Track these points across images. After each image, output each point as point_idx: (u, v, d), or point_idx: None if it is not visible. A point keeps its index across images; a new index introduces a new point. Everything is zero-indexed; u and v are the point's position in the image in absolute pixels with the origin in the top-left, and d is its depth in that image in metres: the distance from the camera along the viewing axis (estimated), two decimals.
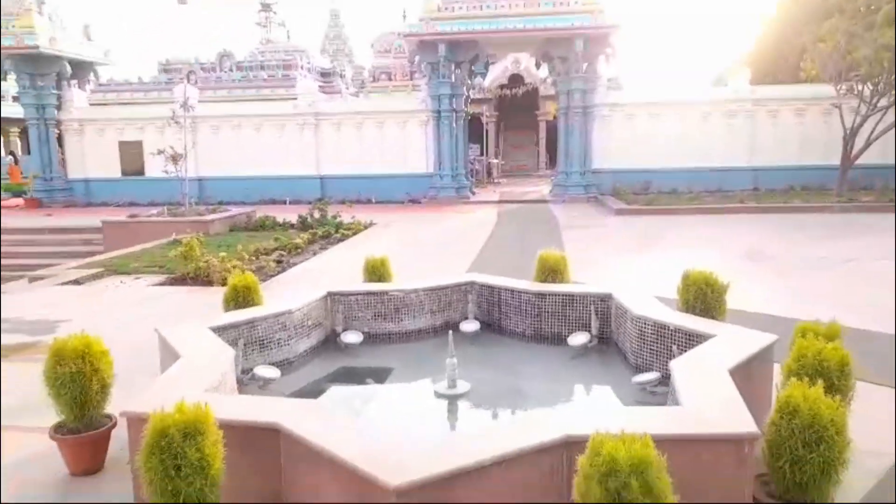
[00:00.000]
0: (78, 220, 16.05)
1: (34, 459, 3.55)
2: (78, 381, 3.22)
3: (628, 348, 4.43)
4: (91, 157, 21.33)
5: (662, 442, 2.14)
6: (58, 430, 3.35)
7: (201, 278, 8.50)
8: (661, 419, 2.60)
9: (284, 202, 19.54)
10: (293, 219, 14.33)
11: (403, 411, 3.96)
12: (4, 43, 19.59)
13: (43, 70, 20.46)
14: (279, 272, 9.22)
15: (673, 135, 19.16)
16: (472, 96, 22.66)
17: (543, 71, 22.94)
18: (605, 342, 4.82)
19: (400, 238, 12.20)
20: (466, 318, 5.35)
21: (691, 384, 2.97)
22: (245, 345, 4.20)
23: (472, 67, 20.12)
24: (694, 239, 11.68)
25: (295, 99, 22.02)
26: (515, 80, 29.24)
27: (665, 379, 3.73)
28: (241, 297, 4.71)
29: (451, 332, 4.14)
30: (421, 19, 18.83)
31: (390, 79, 30.54)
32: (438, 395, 3.95)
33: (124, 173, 21.32)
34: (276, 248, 10.62)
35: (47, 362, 3.29)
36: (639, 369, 4.20)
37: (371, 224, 14.31)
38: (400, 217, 16.12)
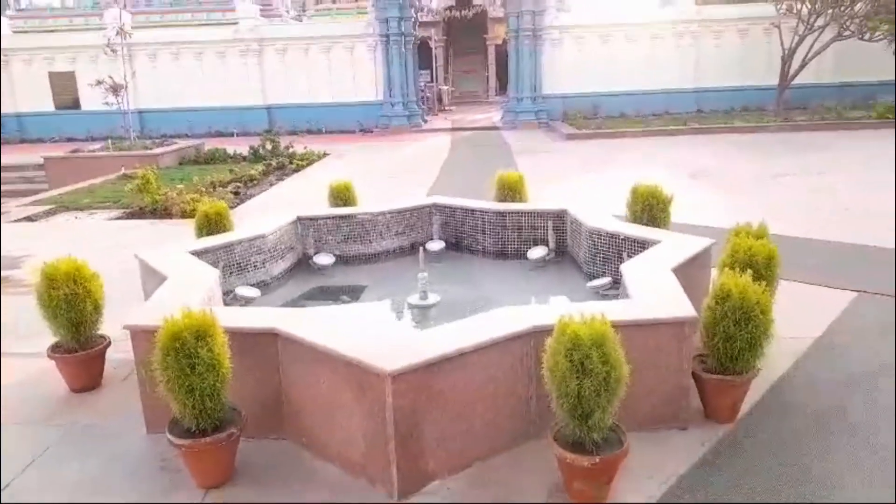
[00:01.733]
0: (13, 157, 15.37)
1: (31, 381, 3.73)
2: (72, 303, 3.39)
3: (582, 258, 4.81)
4: (20, 90, 20.16)
5: (616, 327, 2.51)
6: (55, 350, 3.53)
7: (160, 211, 8.49)
8: (614, 309, 2.97)
9: (232, 134, 19.07)
10: (244, 151, 14.13)
11: (382, 319, 4.28)
12: None
13: None
14: (238, 204, 9.24)
15: (621, 58, 19.36)
16: (420, 19, 22.17)
17: None
18: (561, 255, 5.20)
19: (356, 167, 12.25)
20: (431, 239, 5.63)
21: (639, 281, 3.36)
22: (224, 268, 4.39)
23: None
24: (641, 160, 12.14)
25: (235, 24, 21.12)
26: (464, 1, 28.62)
27: (615, 284, 4.14)
28: (212, 224, 4.85)
29: (421, 248, 4.42)
30: None
31: (334, 1, 29.41)
32: (412, 307, 4.27)
33: (58, 107, 20.32)
34: (232, 181, 10.57)
35: (40, 286, 3.43)
36: (592, 277, 4.59)
37: (325, 154, 14.25)
38: (353, 147, 16.06)
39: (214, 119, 19.58)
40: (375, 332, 3.12)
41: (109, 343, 3.67)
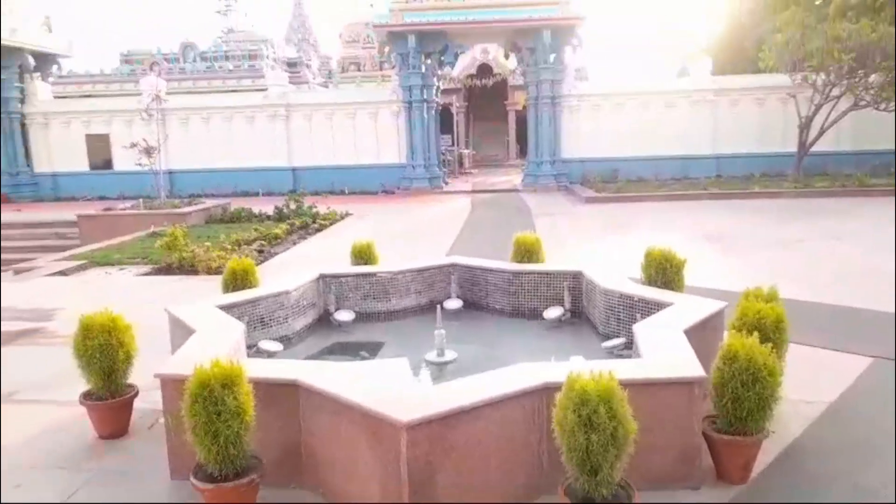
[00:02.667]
0: (49, 214, 16.00)
1: (62, 427, 3.87)
2: (106, 353, 3.56)
3: (598, 319, 4.91)
4: (57, 150, 21.12)
5: (626, 385, 2.60)
6: (87, 398, 3.68)
7: (186, 267, 8.76)
8: (625, 367, 3.06)
9: (257, 194, 19.67)
10: (268, 210, 14.55)
11: (399, 375, 4.37)
12: None
13: (5, 63, 20.13)
14: (262, 261, 9.50)
15: (639, 124, 19.83)
16: (442, 86, 23.00)
17: (513, 61, 23.39)
18: (577, 315, 5.30)
19: (377, 227, 12.55)
20: (449, 297, 5.77)
21: (650, 341, 3.45)
22: (249, 322, 4.55)
23: (442, 58, 20.48)
24: (659, 223, 12.29)
25: (262, 90, 22.11)
26: (484, 70, 29.69)
27: (630, 344, 4.22)
28: (238, 280, 5.05)
29: (438, 306, 4.56)
30: (390, 10, 19.09)
31: (359, 69, 30.70)
32: (429, 363, 4.38)
33: (92, 167, 21.18)
34: (257, 239, 10.89)
35: (76, 336, 3.61)
36: (607, 337, 4.68)
37: (347, 214, 14.62)
38: (375, 207, 16.45)
39: (241, 179, 20.24)
40: (392, 385, 3.22)
41: (137, 392, 3.81)
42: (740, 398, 2.98)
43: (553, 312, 5.26)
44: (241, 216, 14.27)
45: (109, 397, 3.67)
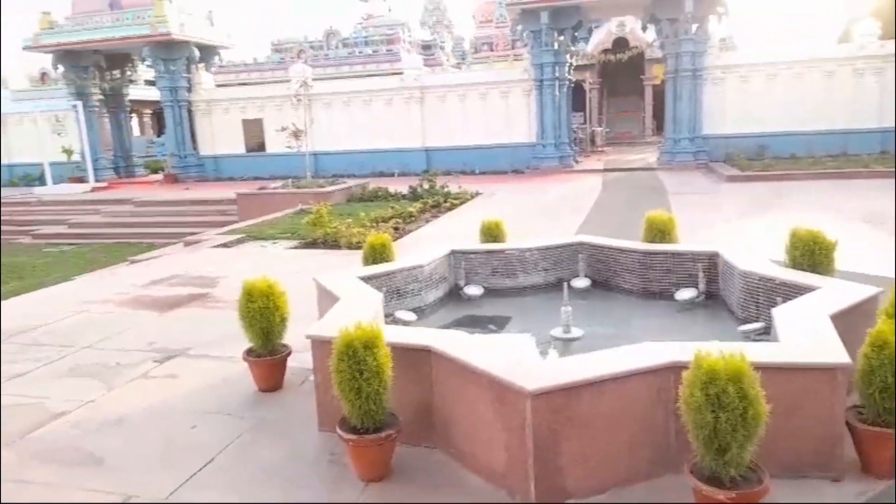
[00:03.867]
0: (212, 192, 17.78)
1: (229, 380, 4.42)
2: (265, 315, 4.01)
3: (735, 302, 4.72)
4: (218, 135, 23.23)
5: (760, 368, 2.53)
6: (249, 355, 4.17)
7: (329, 242, 9.42)
8: (759, 349, 2.97)
9: (393, 174, 20.48)
10: (403, 190, 15.15)
11: (525, 347, 4.51)
12: (141, 31, 21.62)
13: (174, 55, 22.37)
14: (397, 238, 9.97)
15: (792, 96, 18.24)
16: (574, 63, 22.49)
17: (650, 33, 22.33)
18: (711, 298, 5.12)
19: (506, 206, 12.67)
20: (577, 276, 5.78)
21: (790, 325, 3.30)
22: (386, 293, 4.87)
23: (576, 34, 19.99)
24: (810, 204, 11.33)
25: (399, 73, 22.83)
26: (620, 44, 28.53)
27: (769, 329, 4.03)
28: (377, 254, 5.40)
29: (566, 283, 4.62)
30: None
31: (492, 49, 30.71)
32: (555, 339, 4.46)
33: (248, 150, 23.09)
34: (393, 217, 11.42)
35: (240, 300, 4.10)
36: (745, 321, 4.49)
37: (477, 194, 14.87)
38: (504, 187, 16.57)
39: (378, 160, 21.19)
40: (519, 355, 3.35)
41: (290, 352, 4.25)
42: (889, 388, 2.79)
43: (686, 294, 5.12)
44: (378, 195, 15.00)
45: (267, 355, 4.13)
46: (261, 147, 22.84)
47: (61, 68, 23.31)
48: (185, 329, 5.69)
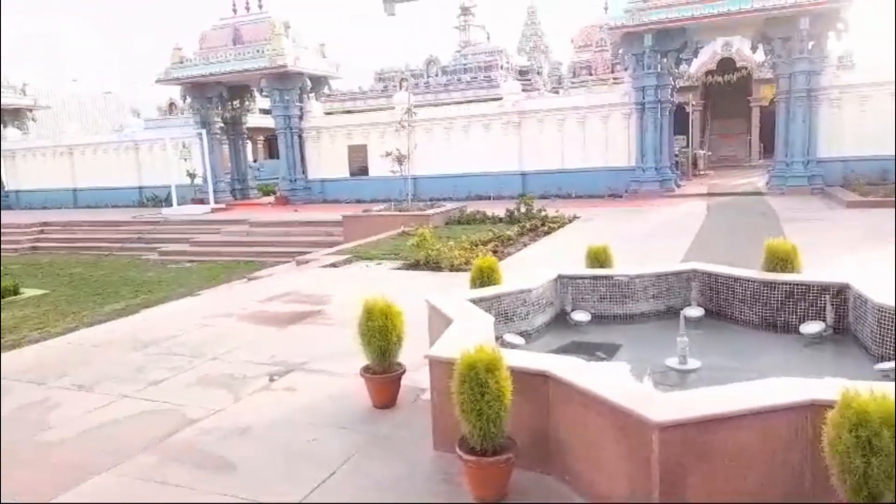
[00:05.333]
0: (319, 214, 18.62)
1: (345, 394, 4.60)
2: (383, 333, 4.16)
3: (868, 338, 4.40)
4: (325, 159, 24.37)
5: None
6: (366, 371, 4.33)
7: (431, 264, 9.62)
8: None
9: (489, 197, 20.67)
10: (500, 213, 15.24)
11: (640, 376, 4.40)
12: (259, 64, 23.17)
13: (289, 86, 23.79)
14: (497, 260, 10.03)
15: None
16: (677, 85, 21.91)
17: (759, 54, 21.41)
18: (840, 333, 4.79)
19: (605, 230, 12.46)
20: (689, 305, 5.59)
21: None
22: (494, 315, 4.92)
23: (680, 55, 19.49)
24: None
25: (496, 99, 23.10)
26: (725, 64, 27.57)
27: None
28: (485, 277, 5.48)
29: (682, 313, 4.48)
30: (626, 10, 18.70)
31: (591, 73, 30.47)
32: (670, 369, 4.33)
33: (351, 173, 24.06)
34: (491, 240, 11.51)
35: (360, 318, 4.27)
36: (881, 359, 4.17)
37: (574, 218, 14.71)
38: (602, 211, 16.30)
39: (474, 184, 21.46)
40: (640, 385, 3.29)
41: (405, 371, 4.37)
42: None
43: (812, 327, 4.82)
44: (475, 218, 15.17)
45: (383, 372, 4.27)
46: (364, 171, 23.73)
47: (189, 99, 25.35)
48: (302, 344, 5.98)
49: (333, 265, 10.21)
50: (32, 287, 12.89)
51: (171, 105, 39.05)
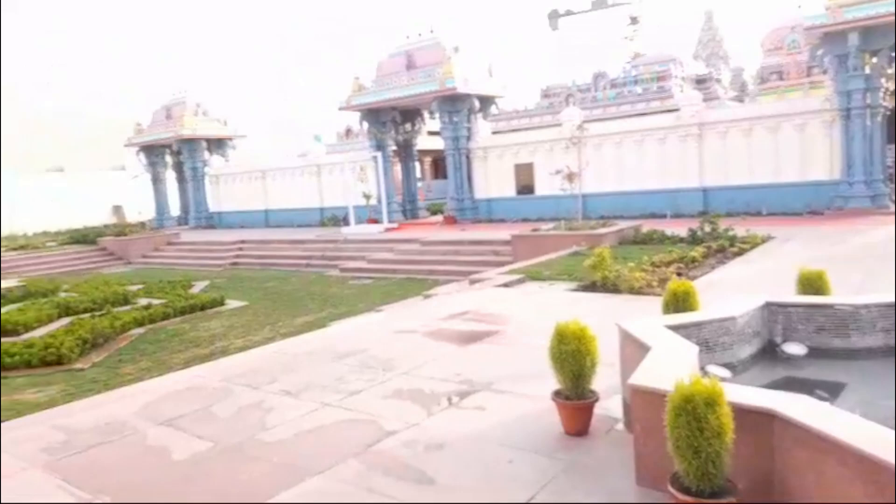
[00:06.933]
0: (486, 234, 18.93)
1: (533, 417, 4.54)
2: (576, 358, 4.05)
3: None
4: (492, 178, 24.79)
5: None
6: (557, 396, 4.24)
7: (608, 286, 9.29)
8: None
9: (664, 216, 19.67)
10: (680, 232, 14.38)
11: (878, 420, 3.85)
12: (430, 87, 24.24)
13: (458, 107, 24.60)
14: (693, 284, 9.44)
15: None
16: (889, 88, 19.32)
17: None
18: None
19: (808, 253, 11.21)
20: None
21: None
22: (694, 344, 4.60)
23: (893, 53, 17.20)
24: None
25: (671, 110, 21.99)
26: None
27: None
28: (680, 302, 5.16)
29: None
30: (827, 7, 16.92)
31: (782, 78, 27.96)
32: None
33: (517, 192, 24.21)
34: (673, 261, 10.88)
35: (552, 341, 4.20)
36: None
37: (769, 237, 13.45)
38: (801, 230, 14.74)
39: (648, 201, 20.54)
40: (884, 431, 2.85)
41: (598, 398, 4.22)
42: None
43: None
44: (652, 237, 14.47)
45: (576, 398, 4.15)
46: (529, 189, 23.77)
47: (366, 124, 27.22)
48: (484, 364, 6.03)
49: (506, 285, 10.26)
50: (235, 299, 14.46)
51: (348, 131, 42.23)
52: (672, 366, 3.66)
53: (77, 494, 3.86)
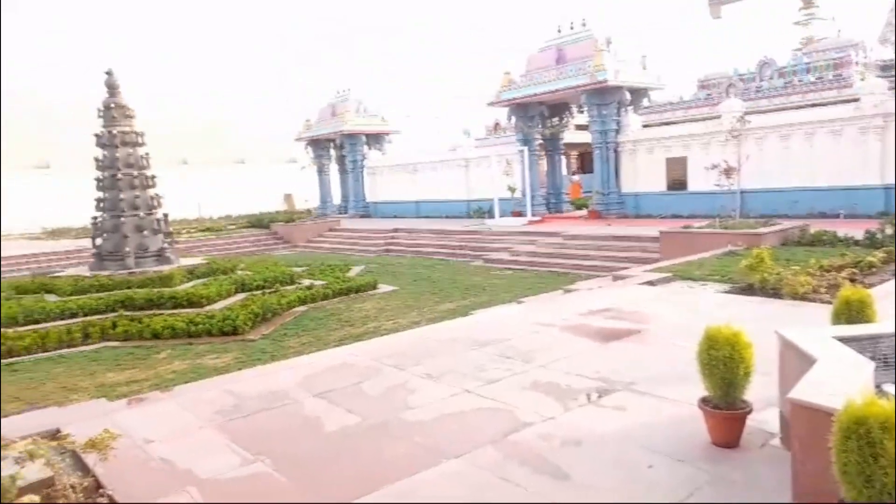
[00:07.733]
0: (633, 229, 18.24)
1: (676, 423, 4.35)
2: (728, 366, 3.82)
3: None
4: (641, 173, 23.78)
5: None
6: (705, 403, 4.03)
7: (768, 290, 8.60)
8: None
9: (837, 216, 17.77)
10: (855, 234, 12.93)
11: None
12: (580, 81, 23.70)
13: (607, 100, 23.82)
14: (869, 293, 8.51)
15: None
16: None
17: None
18: None
19: None
20: None
21: None
22: (870, 359, 4.14)
23: None
24: None
25: (850, 101, 19.72)
26: None
27: None
28: (853, 311, 4.67)
29: None
30: None
31: None
32: None
33: (669, 188, 23.02)
34: (845, 266, 9.81)
35: (701, 345, 3.98)
36: None
37: None
38: None
39: (817, 199, 18.66)
40: None
41: (751, 410, 3.95)
42: None
43: None
44: (822, 239, 13.16)
45: (726, 408, 3.91)
46: (681, 185, 22.52)
47: (513, 118, 27.26)
48: (625, 363, 5.86)
49: (651, 283, 9.84)
50: (386, 283, 15.19)
51: (496, 125, 42.53)
52: (841, 382, 3.34)
53: (241, 454, 4.30)
